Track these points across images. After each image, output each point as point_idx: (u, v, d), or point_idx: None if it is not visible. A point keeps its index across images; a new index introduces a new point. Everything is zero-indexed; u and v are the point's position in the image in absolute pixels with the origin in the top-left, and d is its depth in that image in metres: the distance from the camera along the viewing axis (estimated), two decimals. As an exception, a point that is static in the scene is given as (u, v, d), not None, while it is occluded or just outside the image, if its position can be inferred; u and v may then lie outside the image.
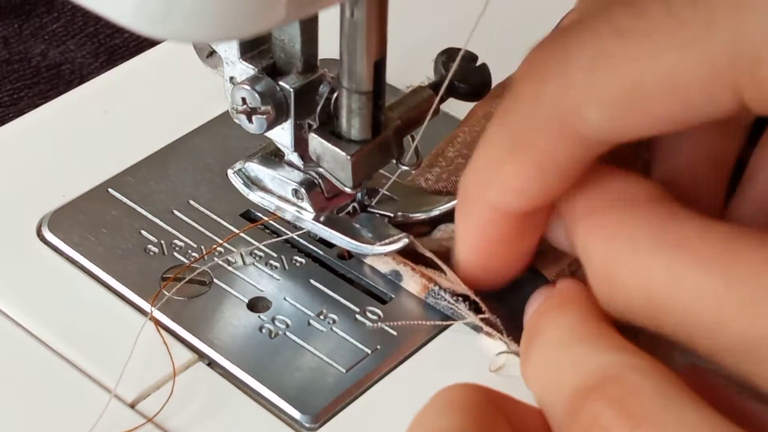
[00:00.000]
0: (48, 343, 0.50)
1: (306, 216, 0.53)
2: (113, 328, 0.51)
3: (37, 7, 0.73)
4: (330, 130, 0.50)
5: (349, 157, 0.49)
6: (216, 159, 0.58)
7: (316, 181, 0.52)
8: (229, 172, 0.54)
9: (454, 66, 0.50)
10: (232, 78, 0.51)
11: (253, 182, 0.54)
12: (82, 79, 0.68)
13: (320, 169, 0.51)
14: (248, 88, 0.50)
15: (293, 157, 0.52)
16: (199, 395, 0.49)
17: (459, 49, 0.51)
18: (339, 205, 0.53)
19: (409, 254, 0.52)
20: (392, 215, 0.52)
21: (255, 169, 0.54)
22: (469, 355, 0.50)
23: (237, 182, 0.54)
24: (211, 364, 0.50)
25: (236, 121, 0.51)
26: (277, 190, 0.53)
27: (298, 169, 0.53)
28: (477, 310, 0.50)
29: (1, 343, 0.50)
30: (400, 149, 0.51)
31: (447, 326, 0.51)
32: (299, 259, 0.53)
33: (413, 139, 0.52)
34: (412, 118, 0.52)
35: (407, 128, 0.52)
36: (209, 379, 0.49)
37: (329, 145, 0.50)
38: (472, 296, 0.50)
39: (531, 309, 0.46)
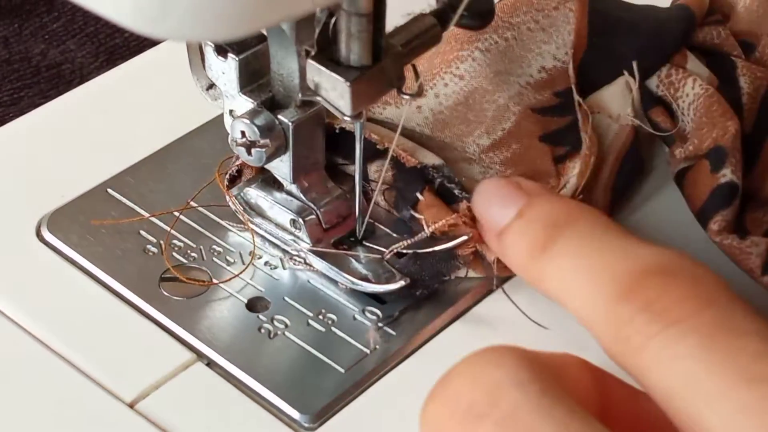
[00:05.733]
0: (47, 343, 0.50)
1: (302, 246, 0.53)
2: (112, 328, 0.51)
3: (37, 7, 0.73)
4: (329, 57, 0.48)
5: (348, 83, 0.47)
6: (215, 159, 0.58)
7: (314, 212, 0.52)
8: (228, 197, 0.54)
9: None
10: (231, 111, 0.52)
11: (252, 209, 0.54)
12: (82, 79, 0.68)
13: (318, 98, 0.49)
14: (247, 121, 0.50)
15: (292, 188, 0.53)
16: (197, 395, 0.49)
17: None
18: (336, 237, 0.53)
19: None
20: (385, 251, 0.52)
21: (254, 195, 0.54)
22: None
23: (238, 208, 0.54)
24: (210, 364, 0.50)
25: (236, 152, 0.51)
26: (276, 218, 0.53)
27: (297, 199, 0.53)
28: None
29: (1, 343, 0.50)
30: (401, 78, 0.49)
31: (446, 326, 0.51)
32: (298, 258, 0.53)
33: (415, 68, 0.50)
34: (414, 45, 0.50)
35: (409, 56, 0.50)
36: (208, 379, 0.49)
37: (327, 71, 0.48)
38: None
39: (506, 200, 0.46)
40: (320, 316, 0.51)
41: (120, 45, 0.71)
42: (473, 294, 0.52)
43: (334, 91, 0.48)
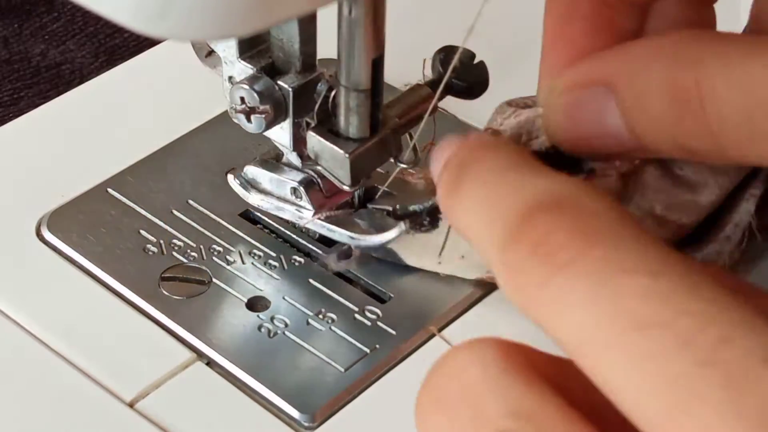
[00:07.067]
0: (47, 343, 0.50)
1: (305, 214, 0.53)
2: (112, 328, 0.51)
3: (37, 7, 0.73)
4: (328, 128, 0.50)
5: (347, 155, 0.49)
6: (215, 159, 0.58)
7: (314, 180, 0.52)
8: (229, 176, 0.54)
9: (453, 63, 0.50)
10: (230, 77, 0.52)
11: (251, 184, 0.54)
12: (82, 79, 0.68)
13: (319, 167, 0.51)
14: (247, 87, 0.50)
15: (292, 157, 0.52)
16: (197, 394, 0.49)
17: (456, 47, 0.51)
18: (338, 203, 0.53)
19: None
20: (391, 209, 0.52)
21: (253, 171, 0.54)
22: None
23: (235, 185, 0.54)
24: (210, 363, 0.50)
25: (235, 120, 0.51)
26: (276, 191, 0.53)
27: (296, 168, 0.53)
28: None
29: (1, 343, 0.50)
30: (399, 147, 0.51)
31: (446, 325, 0.51)
32: (298, 258, 0.53)
33: (411, 137, 0.52)
34: (411, 116, 0.52)
35: (405, 126, 0.52)
36: (208, 378, 0.49)
37: (327, 143, 0.50)
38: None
39: (445, 152, 0.42)
40: (320, 316, 0.51)
41: (120, 45, 0.71)
42: (474, 292, 0.52)
43: (334, 162, 0.50)
